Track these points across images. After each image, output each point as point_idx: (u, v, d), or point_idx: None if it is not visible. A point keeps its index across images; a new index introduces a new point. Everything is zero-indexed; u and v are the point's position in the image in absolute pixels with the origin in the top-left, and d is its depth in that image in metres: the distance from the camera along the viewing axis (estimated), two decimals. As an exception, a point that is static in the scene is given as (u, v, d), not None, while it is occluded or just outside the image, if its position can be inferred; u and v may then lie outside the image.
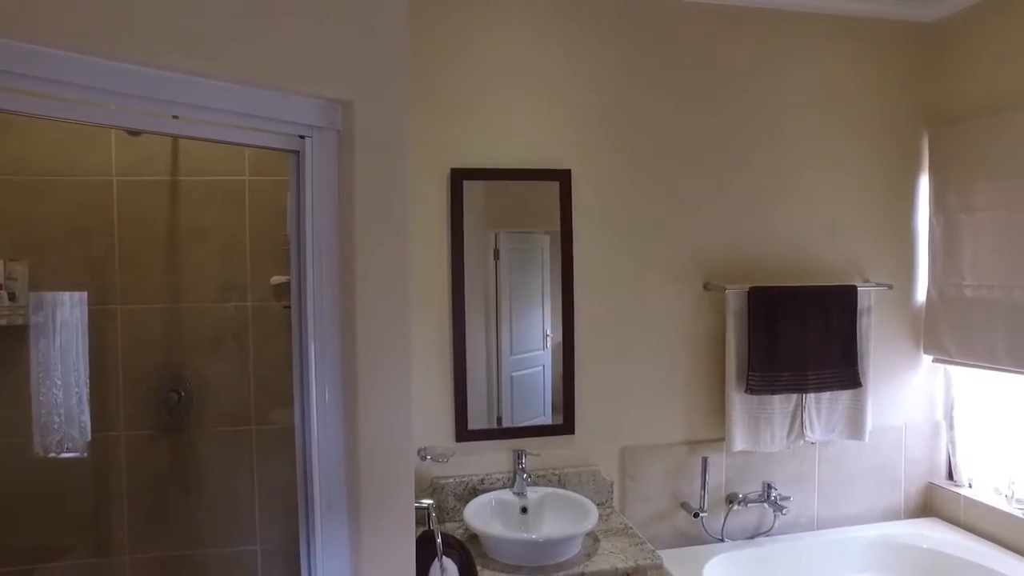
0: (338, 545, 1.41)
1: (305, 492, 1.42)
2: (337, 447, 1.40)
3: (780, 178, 2.56)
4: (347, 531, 1.41)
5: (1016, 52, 2.38)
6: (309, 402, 1.38)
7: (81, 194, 2.12)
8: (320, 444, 1.39)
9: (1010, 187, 2.36)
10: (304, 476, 1.41)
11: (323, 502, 1.40)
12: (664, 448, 2.47)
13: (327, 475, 1.40)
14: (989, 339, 2.43)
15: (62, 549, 2.19)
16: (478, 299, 2.36)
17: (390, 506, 1.43)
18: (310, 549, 1.42)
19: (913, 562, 2.46)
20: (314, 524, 1.40)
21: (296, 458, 1.43)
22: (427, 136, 2.25)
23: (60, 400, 2.10)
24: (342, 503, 1.40)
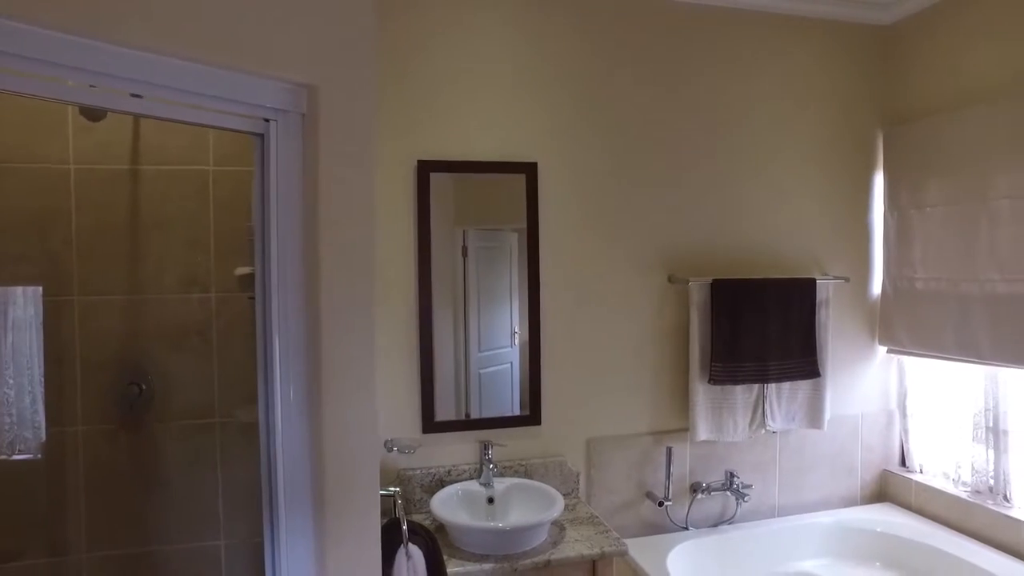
0: (302, 538, 1.41)
1: (270, 486, 1.41)
2: (302, 440, 1.40)
3: (742, 174, 2.64)
4: (311, 524, 1.41)
5: (962, 55, 2.50)
6: (274, 395, 1.38)
7: (37, 183, 2.08)
8: (284, 438, 1.39)
9: (956, 184, 2.47)
10: (268, 470, 1.41)
11: (287, 496, 1.40)
12: (629, 439, 2.53)
13: (292, 469, 1.39)
14: (938, 330, 2.54)
15: (15, 552, 2.15)
16: (446, 295, 2.38)
17: (355, 498, 1.43)
18: (274, 543, 1.42)
19: (867, 545, 2.57)
20: (278, 518, 1.40)
21: (260, 452, 1.42)
22: (393, 128, 2.26)
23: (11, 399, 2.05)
24: (306, 496, 1.40)
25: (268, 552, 1.42)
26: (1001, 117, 2.31)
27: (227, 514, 2.27)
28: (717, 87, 2.61)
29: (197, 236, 2.19)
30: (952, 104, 2.53)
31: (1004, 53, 2.35)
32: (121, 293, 2.16)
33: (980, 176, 2.38)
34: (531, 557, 1.97)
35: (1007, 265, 2.29)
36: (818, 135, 2.74)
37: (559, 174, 2.44)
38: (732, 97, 2.63)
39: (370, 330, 1.44)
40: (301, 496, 1.40)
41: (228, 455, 2.26)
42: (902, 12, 2.74)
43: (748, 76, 2.64)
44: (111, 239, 2.15)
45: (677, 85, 2.56)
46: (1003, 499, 2.43)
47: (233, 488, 2.26)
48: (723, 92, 2.62)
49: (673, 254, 2.56)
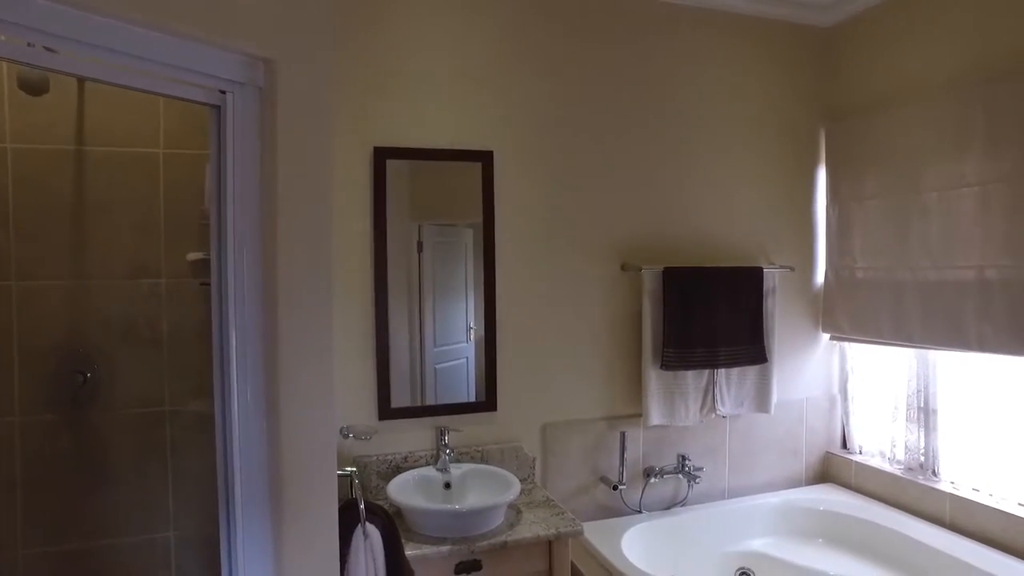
0: (259, 526, 1.40)
1: (225, 475, 1.41)
2: (259, 427, 1.40)
3: (693, 166, 2.76)
4: (268, 510, 1.41)
5: (896, 57, 2.67)
6: (229, 384, 1.37)
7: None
8: (241, 426, 1.38)
9: (890, 178, 2.64)
10: (224, 458, 1.41)
11: (243, 483, 1.39)
12: (584, 424, 2.60)
13: (248, 455, 1.39)
14: (876, 316, 2.70)
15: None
16: (401, 289, 2.41)
17: (312, 483, 1.44)
18: (230, 533, 1.41)
19: (811, 523, 2.71)
20: (234, 508, 1.39)
21: (216, 441, 1.42)
22: (350, 114, 2.28)
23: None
24: (263, 482, 1.40)
25: (224, 540, 1.42)
26: (929, 116, 2.48)
27: (178, 505, 2.25)
28: (668, 81, 2.71)
29: (146, 220, 2.17)
30: (887, 103, 2.69)
31: (933, 56, 2.52)
32: (64, 278, 2.12)
33: (912, 170, 2.55)
34: (488, 539, 2.01)
35: (936, 253, 2.45)
36: (764, 130, 2.88)
37: (514, 164, 2.50)
38: (682, 92, 2.74)
39: (328, 315, 1.44)
40: (257, 483, 1.40)
41: (179, 445, 2.24)
42: (841, 15, 2.90)
43: (698, 72, 2.76)
44: (53, 222, 2.11)
45: (631, 78, 2.66)
46: (932, 474, 2.61)
47: (184, 478, 2.24)
48: (674, 86, 2.72)
49: (626, 243, 2.65)
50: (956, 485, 2.53)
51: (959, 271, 2.37)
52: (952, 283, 2.39)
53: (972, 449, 2.49)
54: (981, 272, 2.30)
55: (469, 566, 2.00)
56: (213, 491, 1.44)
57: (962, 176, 2.36)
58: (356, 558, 1.69)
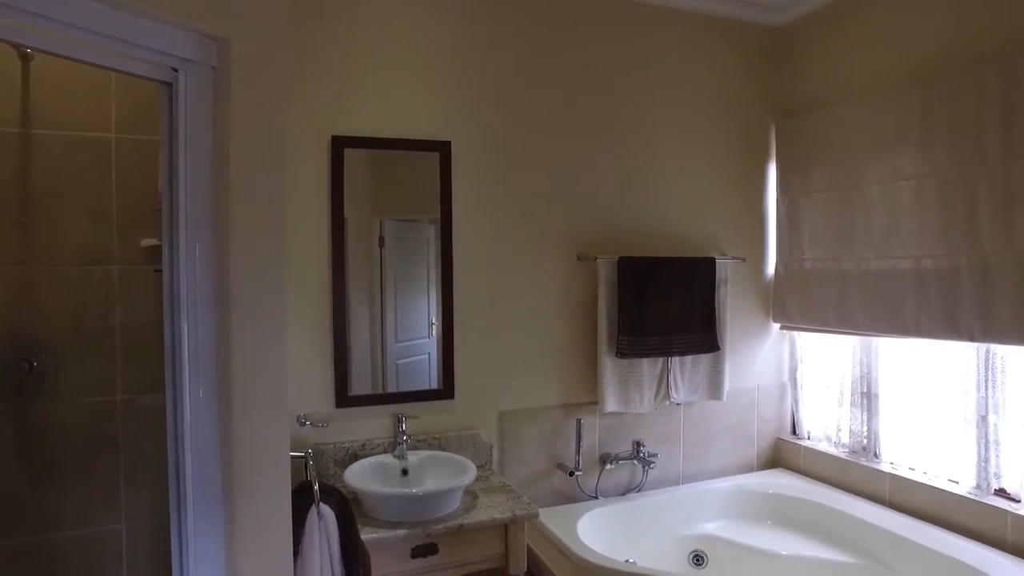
0: (210, 512, 1.41)
1: (176, 464, 1.41)
2: (211, 414, 1.40)
3: (648, 158, 2.85)
4: (220, 498, 1.42)
5: (842, 56, 2.81)
6: (181, 371, 1.37)
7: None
8: (192, 414, 1.39)
9: (836, 172, 2.78)
10: (175, 447, 1.41)
11: (194, 472, 1.40)
12: (541, 411, 2.67)
13: (199, 445, 1.40)
14: (823, 306, 2.84)
15: None
16: (362, 283, 2.44)
17: (264, 469, 1.45)
18: (180, 520, 1.42)
19: (761, 506, 2.83)
20: (185, 495, 1.40)
21: (167, 430, 1.42)
22: (307, 100, 2.31)
23: None
24: (215, 470, 1.41)
25: (174, 528, 1.43)
26: (870, 113, 2.62)
27: (130, 496, 2.24)
28: (625, 75, 2.81)
29: (98, 206, 2.16)
30: (833, 100, 2.83)
31: (874, 57, 2.66)
32: (10, 264, 2.10)
33: (855, 165, 2.69)
34: (444, 523, 2.06)
35: (878, 245, 2.59)
36: (718, 125, 3.00)
37: (472, 154, 2.56)
38: (639, 86, 2.83)
39: (282, 303, 1.46)
40: (209, 469, 1.41)
41: (132, 435, 2.23)
42: (792, 15, 3.03)
43: (654, 67, 2.86)
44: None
45: (588, 71, 2.74)
46: (873, 456, 2.76)
47: (138, 469, 2.23)
48: (631, 81, 2.82)
49: (582, 233, 2.73)
50: (895, 465, 2.67)
51: (898, 261, 2.51)
52: (892, 273, 2.53)
53: (909, 430, 2.64)
54: (918, 262, 2.44)
55: (425, 550, 2.04)
56: (166, 480, 1.45)
57: (900, 171, 2.51)
58: (310, 539, 1.72)
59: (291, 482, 1.55)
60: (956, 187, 2.31)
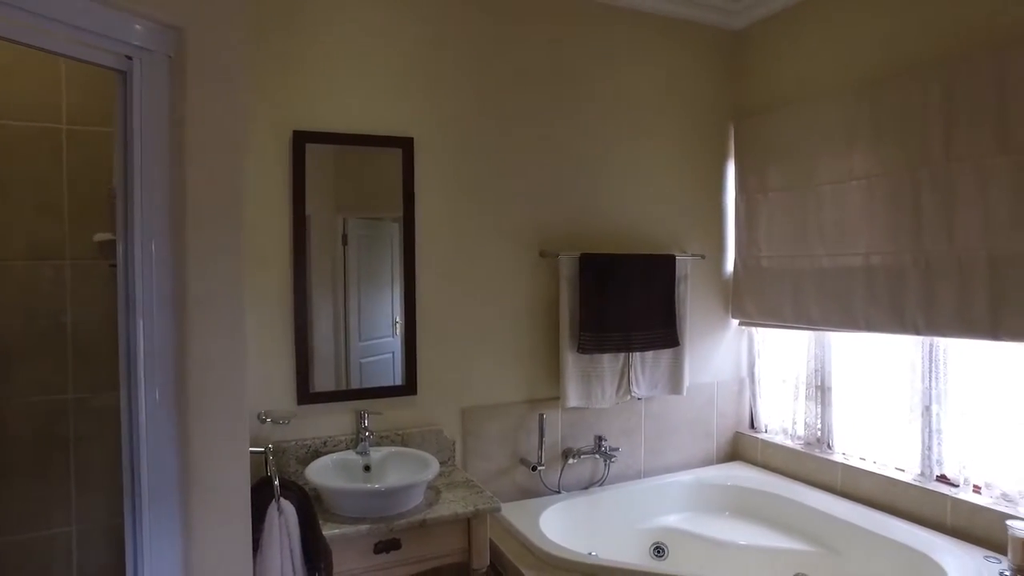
0: (166, 510, 1.40)
1: (131, 463, 1.40)
2: (166, 412, 1.39)
3: (610, 157, 2.91)
4: (176, 496, 1.41)
5: (798, 58, 2.91)
6: (136, 369, 1.35)
7: None
8: (148, 412, 1.37)
9: (791, 171, 2.88)
10: (130, 446, 1.39)
11: (150, 471, 1.39)
12: (504, 407, 2.71)
13: (155, 443, 1.38)
14: (779, 302, 2.93)
15: None
16: (325, 282, 2.45)
17: (223, 466, 1.45)
18: (135, 520, 1.40)
19: (719, 498, 2.92)
20: (140, 493, 1.38)
21: (122, 428, 1.40)
22: (268, 94, 2.30)
23: None
24: (172, 469, 1.39)
25: (128, 528, 1.41)
26: (824, 114, 2.72)
27: (81, 497, 2.20)
28: (588, 74, 2.86)
29: (48, 199, 2.12)
30: (788, 101, 2.93)
31: (827, 60, 2.77)
32: (-46, 259, 2.05)
33: (809, 165, 2.79)
34: (407, 518, 2.07)
35: (830, 242, 2.70)
36: (678, 124, 3.07)
37: (435, 151, 2.57)
38: (601, 84, 2.89)
39: (240, 298, 1.46)
40: (166, 468, 1.40)
41: (85, 435, 2.19)
42: (750, 19, 3.13)
43: (616, 66, 2.92)
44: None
45: (550, 69, 2.78)
46: (827, 447, 2.86)
47: (90, 469, 2.20)
48: (593, 79, 2.87)
49: (544, 230, 2.77)
50: (847, 455, 2.78)
51: (849, 258, 2.62)
52: (844, 269, 2.64)
53: (860, 422, 2.75)
54: (867, 259, 2.55)
55: (388, 545, 2.06)
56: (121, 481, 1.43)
57: (851, 171, 2.61)
58: (270, 534, 1.73)
59: (251, 478, 1.55)
60: (902, 187, 2.42)
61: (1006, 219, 2.11)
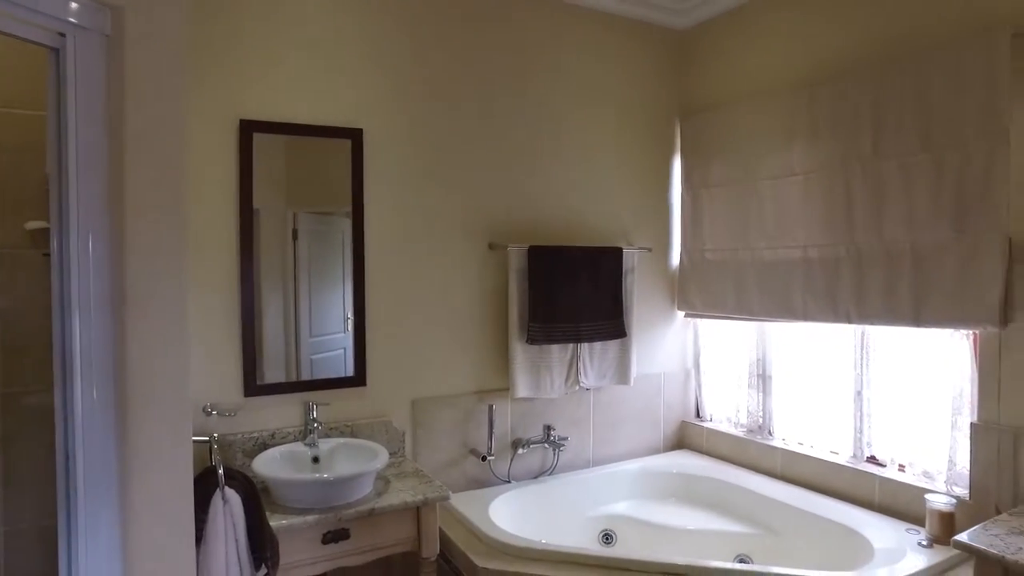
0: (104, 513, 1.37)
1: (66, 458, 1.35)
2: (105, 415, 1.35)
3: (558, 151, 2.98)
4: (115, 490, 1.37)
5: (740, 58, 3.03)
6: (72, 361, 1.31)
7: None
8: (84, 406, 1.32)
9: (733, 167, 2.99)
10: (64, 441, 1.35)
11: (87, 473, 1.34)
12: (453, 398, 2.74)
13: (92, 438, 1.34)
14: (722, 294, 3.04)
15: None
16: (275, 276, 2.44)
17: (163, 456, 1.43)
18: (70, 521, 1.36)
19: (666, 485, 3.01)
20: (75, 488, 1.34)
21: (56, 422, 1.35)
22: (213, 81, 2.28)
23: None
24: (110, 462, 1.35)
25: (63, 528, 1.36)
26: (764, 112, 2.84)
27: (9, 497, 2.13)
28: (537, 69, 2.92)
29: (-25, 185, 2.05)
30: (731, 99, 3.05)
31: (768, 60, 2.89)
32: None
33: (751, 161, 2.90)
34: (355, 507, 2.09)
35: (770, 235, 2.81)
36: (626, 120, 3.16)
37: (385, 143, 2.59)
38: (550, 79, 2.95)
39: (182, 291, 1.43)
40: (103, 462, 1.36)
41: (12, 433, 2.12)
42: (695, 19, 3.24)
43: (565, 62, 2.99)
44: None
45: (501, 63, 2.83)
46: (768, 433, 2.99)
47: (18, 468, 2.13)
48: (542, 74, 2.93)
49: (494, 222, 2.82)
50: (786, 441, 2.91)
51: (788, 251, 2.74)
52: (783, 262, 2.76)
53: (798, 408, 2.88)
54: (805, 251, 2.67)
55: (336, 535, 2.07)
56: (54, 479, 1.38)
57: (790, 166, 2.73)
58: (214, 524, 1.72)
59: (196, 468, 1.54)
60: (836, 183, 2.54)
61: (927, 213, 2.24)
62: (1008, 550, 1.67)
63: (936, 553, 2.07)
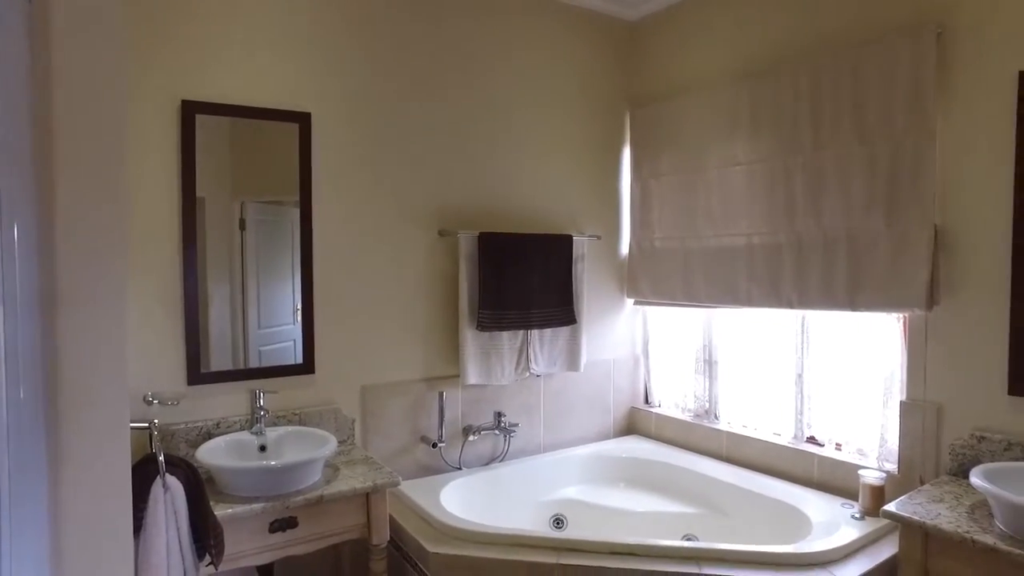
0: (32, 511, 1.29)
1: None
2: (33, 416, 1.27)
3: (510, 138, 3.01)
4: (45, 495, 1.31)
5: (688, 50, 3.11)
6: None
7: None
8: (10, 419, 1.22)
9: (681, 157, 3.07)
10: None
11: (13, 472, 1.24)
12: (404, 385, 2.76)
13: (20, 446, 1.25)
14: (671, 281, 3.13)
15: None
16: (221, 267, 2.41)
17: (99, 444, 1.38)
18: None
19: (615, 470, 3.09)
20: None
21: None
22: (153, 58, 2.22)
23: None
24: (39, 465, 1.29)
25: None
26: (710, 102, 2.93)
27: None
28: (489, 57, 2.94)
29: None
30: (679, 91, 3.13)
31: (714, 53, 2.98)
32: None
33: (698, 151, 2.99)
34: (304, 495, 2.08)
35: (717, 223, 2.90)
36: (578, 109, 3.21)
37: (333, 127, 2.57)
38: (502, 68, 2.98)
39: (120, 267, 1.38)
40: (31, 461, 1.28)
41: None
42: (645, 11, 3.31)
43: (517, 51, 3.02)
44: None
45: (453, 51, 2.84)
46: (714, 417, 3.09)
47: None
48: (494, 63, 2.95)
49: (444, 209, 2.83)
50: (731, 424, 3.02)
51: (733, 239, 2.83)
52: (728, 249, 2.85)
53: (743, 392, 2.99)
54: (749, 239, 2.77)
55: (284, 523, 2.06)
56: None
57: (734, 157, 2.82)
58: (155, 513, 1.70)
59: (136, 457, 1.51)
60: (778, 172, 2.64)
61: (862, 204, 2.36)
62: (928, 516, 1.79)
63: (867, 524, 2.19)
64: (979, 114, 2.11)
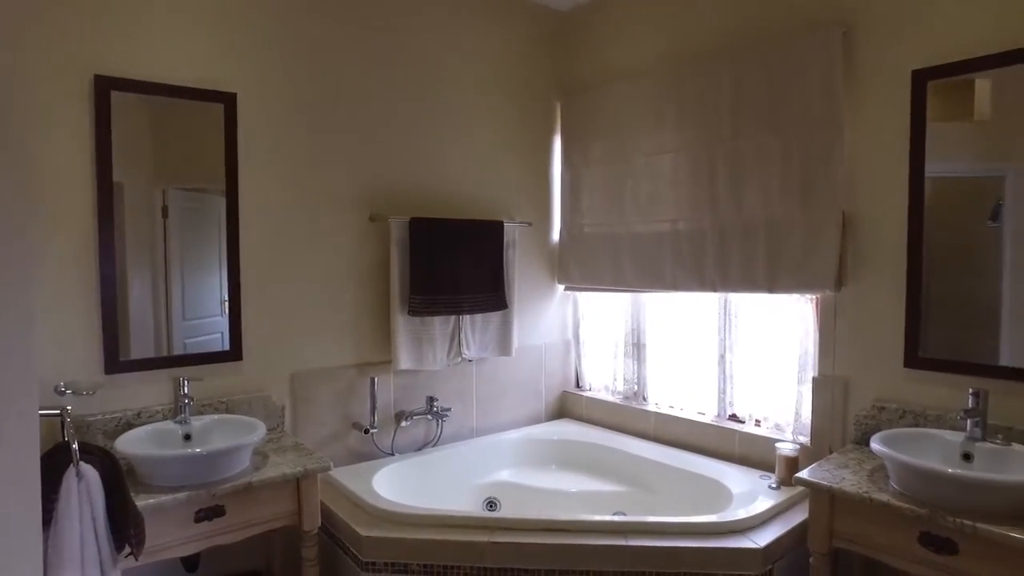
0: None
1: None
2: None
3: (442, 125, 3.03)
4: None
5: (617, 41, 3.20)
6: None
7: None
8: None
9: (610, 145, 3.17)
10: None
11: None
12: (334, 371, 2.74)
13: None
14: (599, 267, 3.23)
15: None
16: (142, 257, 2.34)
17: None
18: None
19: (547, 452, 3.17)
20: None
21: None
22: (60, 28, 2.11)
23: None
24: None
25: None
26: (638, 92, 3.03)
27: None
28: (421, 43, 2.94)
29: None
30: (609, 80, 3.21)
31: (642, 43, 3.08)
32: None
33: (626, 140, 3.09)
34: (231, 483, 2.05)
35: (644, 210, 3.01)
36: (509, 97, 3.26)
37: (260, 109, 2.52)
38: (434, 54, 2.98)
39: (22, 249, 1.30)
40: None
41: None
42: (576, 2, 3.37)
43: (449, 38, 3.03)
44: None
45: (384, 35, 2.83)
46: (642, 399, 3.22)
47: None
48: (426, 49, 2.96)
49: (375, 194, 2.83)
50: (659, 405, 3.15)
51: (659, 224, 2.94)
52: (654, 235, 2.96)
53: (670, 374, 3.12)
54: (674, 225, 2.88)
55: (211, 512, 2.02)
56: None
57: (662, 145, 2.93)
58: (67, 504, 1.63)
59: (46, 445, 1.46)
60: (701, 161, 2.76)
61: (779, 192, 2.50)
62: (834, 481, 1.94)
63: (782, 493, 2.34)
64: (881, 109, 2.28)
